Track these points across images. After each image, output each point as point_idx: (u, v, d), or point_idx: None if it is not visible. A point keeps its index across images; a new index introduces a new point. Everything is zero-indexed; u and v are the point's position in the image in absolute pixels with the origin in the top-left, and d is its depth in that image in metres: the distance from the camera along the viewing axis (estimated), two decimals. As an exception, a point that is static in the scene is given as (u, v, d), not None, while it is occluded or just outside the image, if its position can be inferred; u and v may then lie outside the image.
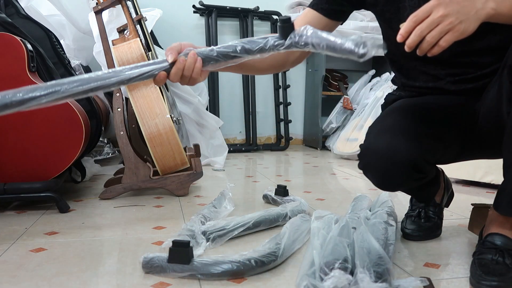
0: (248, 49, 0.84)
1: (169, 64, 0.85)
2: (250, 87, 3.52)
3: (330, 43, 0.78)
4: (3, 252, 1.11)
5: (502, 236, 0.97)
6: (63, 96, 0.80)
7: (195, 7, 3.49)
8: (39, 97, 0.79)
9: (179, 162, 1.77)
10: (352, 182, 2.17)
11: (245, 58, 0.85)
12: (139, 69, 0.83)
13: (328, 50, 0.79)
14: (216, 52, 0.85)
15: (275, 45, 0.83)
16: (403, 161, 0.99)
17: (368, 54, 0.75)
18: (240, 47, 0.84)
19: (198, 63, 0.85)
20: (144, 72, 0.83)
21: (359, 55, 0.76)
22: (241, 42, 0.85)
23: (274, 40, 0.83)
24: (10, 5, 1.93)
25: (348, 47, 0.76)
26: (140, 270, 0.98)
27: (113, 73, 0.82)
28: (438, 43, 0.77)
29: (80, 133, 1.51)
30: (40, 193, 1.50)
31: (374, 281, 0.81)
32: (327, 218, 1.17)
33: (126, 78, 0.82)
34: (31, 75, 1.48)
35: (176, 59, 0.85)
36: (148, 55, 1.82)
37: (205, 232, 1.16)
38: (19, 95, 0.78)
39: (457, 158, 1.13)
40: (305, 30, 0.81)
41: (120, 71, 0.82)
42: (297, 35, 0.82)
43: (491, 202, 1.03)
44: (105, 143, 2.92)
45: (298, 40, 0.82)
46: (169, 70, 0.85)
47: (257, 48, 0.84)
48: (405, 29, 0.78)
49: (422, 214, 1.24)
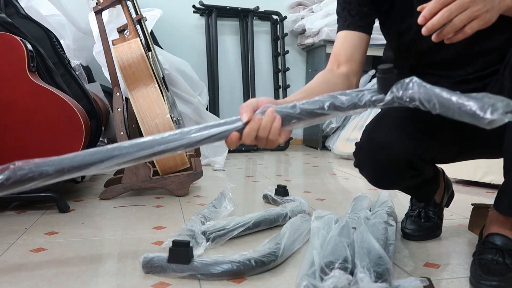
0: (339, 106, 0.72)
1: (243, 124, 0.74)
2: (250, 87, 3.52)
3: (444, 101, 0.63)
4: (3, 252, 1.11)
5: (502, 236, 0.97)
6: (124, 161, 0.73)
7: (195, 7, 3.49)
8: (98, 162, 0.73)
9: (179, 162, 1.77)
10: (352, 182, 2.16)
11: (333, 115, 0.73)
12: (209, 131, 0.74)
13: (441, 110, 0.64)
14: (300, 109, 0.74)
15: (373, 100, 0.71)
16: (397, 157, 0.99)
17: (498, 121, 0.58)
18: (329, 103, 0.72)
19: (277, 122, 0.74)
20: (214, 133, 0.74)
21: (485, 122, 0.59)
22: (330, 97, 0.73)
23: (371, 95, 0.71)
24: (10, 5, 1.93)
25: (470, 110, 0.60)
26: (140, 270, 0.98)
27: (180, 135, 0.74)
28: (463, 29, 0.73)
29: (80, 133, 1.51)
30: (40, 193, 1.50)
31: (374, 281, 0.81)
32: (327, 218, 1.17)
33: (194, 141, 0.74)
34: (31, 75, 1.48)
35: (251, 118, 0.74)
36: (148, 55, 1.82)
37: (205, 232, 1.16)
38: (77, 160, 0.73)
39: (457, 157, 1.13)
40: (410, 83, 0.68)
41: (187, 133, 0.74)
42: (401, 89, 0.68)
43: (491, 202, 1.03)
44: (105, 143, 2.92)
45: (402, 95, 0.68)
46: (242, 130, 0.74)
47: (349, 104, 0.71)
48: (429, 10, 0.72)
49: (422, 214, 1.24)
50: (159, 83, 1.80)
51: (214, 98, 3.40)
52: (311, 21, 3.43)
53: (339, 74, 1.01)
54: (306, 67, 3.82)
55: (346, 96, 0.72)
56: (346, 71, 1.01)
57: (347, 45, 1.04)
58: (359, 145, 1.08)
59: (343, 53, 1.03)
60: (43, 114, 1.48)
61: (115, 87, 1.84)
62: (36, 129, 1.49)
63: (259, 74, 3.67)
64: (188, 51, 3.49)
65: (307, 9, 3.64)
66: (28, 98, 1.47)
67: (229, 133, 0.74)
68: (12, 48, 1.46)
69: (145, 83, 1.75)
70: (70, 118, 1.50)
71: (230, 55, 3.67)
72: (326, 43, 3.32)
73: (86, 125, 1.57)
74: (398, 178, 1.05)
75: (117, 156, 0.73)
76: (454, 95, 0.63)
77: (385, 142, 1.01)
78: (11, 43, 1.46)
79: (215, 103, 3.41)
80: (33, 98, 1.47)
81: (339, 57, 1.03)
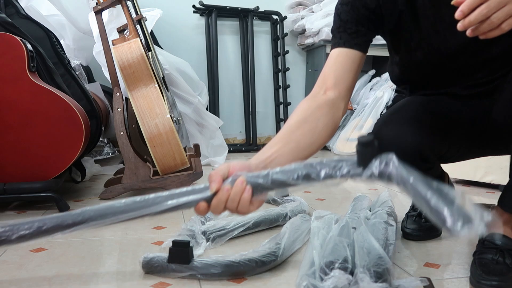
0: (313, 178, 0.68)
1: (211, 194, 0.71)
2: (250, 87, 3.52)
3: (418, 195, 0.60)
4: (3, 252, 1.11)
5: (503, 236, 0.97)
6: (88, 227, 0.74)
7: (195, 7, 3.49)
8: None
9: (179, 162, 1.76)
10: (352, 182, 2.16)
11: (304, 185, 0.70)
12: (176, 200, 0.72)
13: (414, 200, 0.61)
14: (271, 180, 0.70)
15: (350, 174, 0.67)
16: (410, 149, 0.98)
17: (469, 233, 0.55)
18: (304, 174, 0.68)
19: (246, 193, 0.70)
20: (181, 203, 0.71)
21: (453, 232, 0.55)
22: (306, 167, 0.69)
23: (349, 168, 0.67)
24: (10, 5, 1.93)
25: (441, 216, 0.56)
26: (140, 270, 0.98)
27: (145, 202, 0.72)
28: (500, 25, 0.72)
29: (80, 133, 1.51)
30: (40, 193, 1.50)
31: (374, 281, 0.81)
32: (327, 218, 1.17)
33: (160, 210, 0.72)
34: (31, 75, 1.48)
35: (220, 188, 0.70)
36: (148, 55, 1.82)
37: (205, 232, 1.16)
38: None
39: (466, 155, 1.12)
40: (390, 162, 0.65)
41: (153, 201, 0.72)
42: (379, 166, 0.65)
43: (491, 202, 1.04)
44: (105, 143, 2.92)
45: (381, 171, 0.64)
46: (211, 200, 0.71)
47: (325, 177, 0.68)
48: (468, 5, 0.70)
49: (423, 213, 1.24)
50: (159, 83, 1.80)
51: (214, 98, 3.40)
52: (311, 21, 3.43)
53: (324, 102, 0.93)
54: (306, 67, 3.81)
55: (323, 169, 0.68)
56: (333, 98, 0.94)
57: (337, 66, 0.97)
58: None
59: (332, 75, 0.96)
60: (43, 114, 1.48)
61: (115, 87, 1.84)
62: (36, 129, 1.49)
63: (259, 74, 3.67)
64: (188, 51, 3.48)
65: (307, 9, 3.64)
66: (28, 98, 1.47)
67: (197, 203, 0.71)
68: (12, 48, 1.46)
69: (145, 83, 1.75)
70: (70, 118, 1.50)
71: (230, 55, 3.67)
72: (326, 43, 3.31)
73: (86, 125, 1.57)
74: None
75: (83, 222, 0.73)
76: (429, 191, 0.59)
77: (398, 134, 1.00)
78: (11, 43, 1.46)
79: (215, 103, 3.41)
80: (33, 98, 1.47)
81: (327, 80, 0.96)
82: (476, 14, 0.70)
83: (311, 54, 3.71)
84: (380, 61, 3.37)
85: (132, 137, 2.11)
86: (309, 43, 3.55)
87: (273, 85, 3.70)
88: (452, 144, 1.04)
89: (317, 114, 0.90)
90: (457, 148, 1.07)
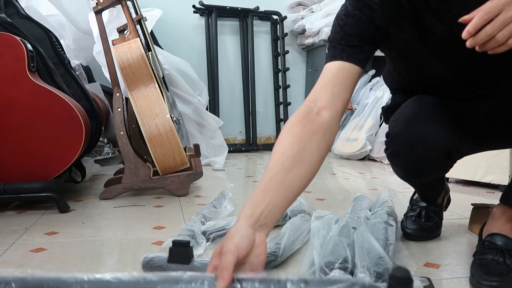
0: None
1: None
2: (250, 87, 3.53)
3: None
4: (3, 252, 1.11)
5: (503, 236, 0.97)
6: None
7: (195, 7, 3.49)
8: None
9: (179, 162, 1.77)
10: (352, 182, 2.16)
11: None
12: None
13: None
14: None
15: None
16: (438, 146, 0.98)
17: None
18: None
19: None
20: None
21: None
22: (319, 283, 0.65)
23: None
24: (10, 5, 1.93)
25: None
26: (140, 270, 0.98)
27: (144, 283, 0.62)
28: (506, 42, 0.73)
29: (80, 133, 1.51)
30: (40, 193, 1.50)
31: (374, 281, 0.81)
32: (327, 218, 1.17)
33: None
34: (31, 75, 1.48)
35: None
36: (148, 55, 1.82)
37: (205, 232, 1.16)
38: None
39: (470, 151, 1.12)
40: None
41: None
42: None
43: (491, 202, 1.04)
44: (105, 143, 2.92)
45: None
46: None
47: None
48: (474, 26, 0.73)
49: (423, 213, 1.24)
50: (159, 83, 1.81)
51: (214, 98, 3.41)
52: (311, 21, 3.43)
53: (319, 127, 0.86)
54: (306, 67, 3.82)
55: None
56: (328, 119, 0.86)
57: (336, 82, 0.90)
58: (394, 134, 1.05)
59: (329, 92, 0.89)
60: (43, 114, 1.48)
61: (115, 87, 1.84)
62: (36, 129, 1.49)
63: (259, 74, 3.67)
64: (188, 51, 3.49)
65: (307, 9, 3.64)
66: (28, 98, 1.47)
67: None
68: (12, 48, 1.46)
69: (145, 83, 1.75)
70: (70, 118, 1.50)
71: (230, 55, 3.67)
72: (326, 43, 3.31)
73: (86, 125, 1.57)
74: (433, 167, 1.04)
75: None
76: None
77: (425, 131, 0.99)
78: (11, 43, 1.46)
79: (215, 103, 3.41)
80: (33, 98, 1.47)
81: (323, 96, 0.89)
82: (482, 35, 0.72)
83: (311, 54, 3.71)
84: (380, 61, 3.35)
85: (132, 137, 2.11)
86: (309, 43, 3.55)
87: (273, 85, 3.70)
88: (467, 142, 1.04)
89: (312, 144, 0.83)
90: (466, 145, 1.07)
